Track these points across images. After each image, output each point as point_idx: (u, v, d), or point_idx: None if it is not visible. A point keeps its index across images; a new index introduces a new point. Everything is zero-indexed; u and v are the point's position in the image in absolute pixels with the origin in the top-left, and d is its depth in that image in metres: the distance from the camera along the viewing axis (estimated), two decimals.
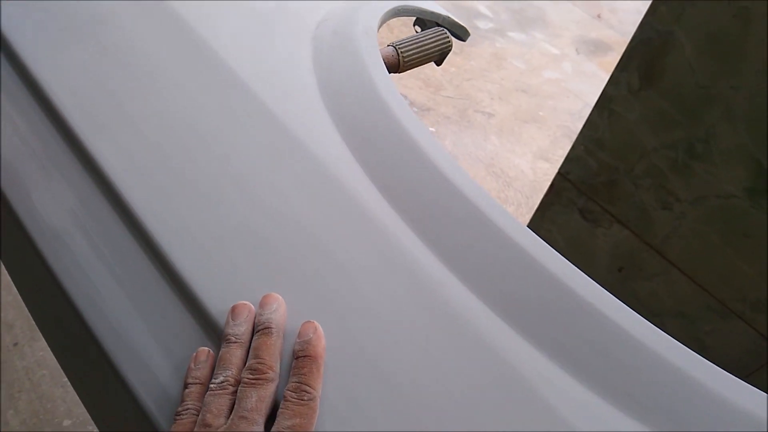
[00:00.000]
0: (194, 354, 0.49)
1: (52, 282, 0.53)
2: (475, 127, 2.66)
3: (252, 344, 0.48)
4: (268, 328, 0.48)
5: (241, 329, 0.48)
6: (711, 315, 1.36)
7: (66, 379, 1.64)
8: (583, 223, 1.52)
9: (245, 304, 0.50)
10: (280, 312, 0.50)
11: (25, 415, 1.56)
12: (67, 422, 1.57)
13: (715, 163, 1.19)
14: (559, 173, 1.51)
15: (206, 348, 0.49)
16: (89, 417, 1.58)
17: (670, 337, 0.54)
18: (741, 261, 1.25)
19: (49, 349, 1.67)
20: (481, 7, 3.50)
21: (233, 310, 0.50)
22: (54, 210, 0.56)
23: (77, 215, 0.56)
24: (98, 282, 0.52)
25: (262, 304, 0.50)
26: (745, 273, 1.25)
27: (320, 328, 0.49)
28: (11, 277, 0.70)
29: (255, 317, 0.50)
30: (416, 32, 1.29)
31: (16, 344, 1.69)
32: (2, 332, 1.71)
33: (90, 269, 0.53)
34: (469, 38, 1.15)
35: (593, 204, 1.47)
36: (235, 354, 0.47)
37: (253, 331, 0.49)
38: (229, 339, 0.48)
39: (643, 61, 1.22)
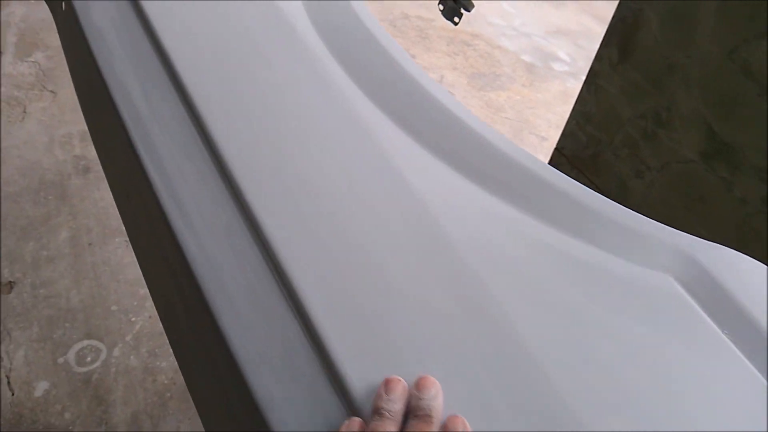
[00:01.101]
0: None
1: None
2: (526, 146, 2.82)
3: (408, 427, 0.46)
4: (429, 416, 0.46)
5: (395, 406, 0.46)
6: None
7: (121, 276, 1.97)
8: None
9: (399, 380, 0.48)
10: (439, 400, 0.47)
11: (84, 296, 1.89)
12: (114, 307, 1.88)
13: (676, 129, 1.32)
14: (555, 149, 1.67)
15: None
16: (132, 306, 1.88)
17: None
18: (700, 227, 1.34)
19: (110, 251, 2.01)
20: (561, 53, 3.70)
21: (387, 385, 0.47)
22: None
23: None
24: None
25: (420, 387, 0.48)
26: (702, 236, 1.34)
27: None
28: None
29: (410, 398, 0.48)
30: (440, 9, 1.54)
31: (90, 244, 2.05)
32: (82, 234, 2.07)
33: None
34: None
35: (582, 177, 1.61)
36: (388, 430, 0.45)
37: (408, 411, 0.47)
38: (383, 414, 0.46)
39: (620, 38, 1.39)
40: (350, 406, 0.48)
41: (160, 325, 1.85)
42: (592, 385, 0.52)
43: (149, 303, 1.92)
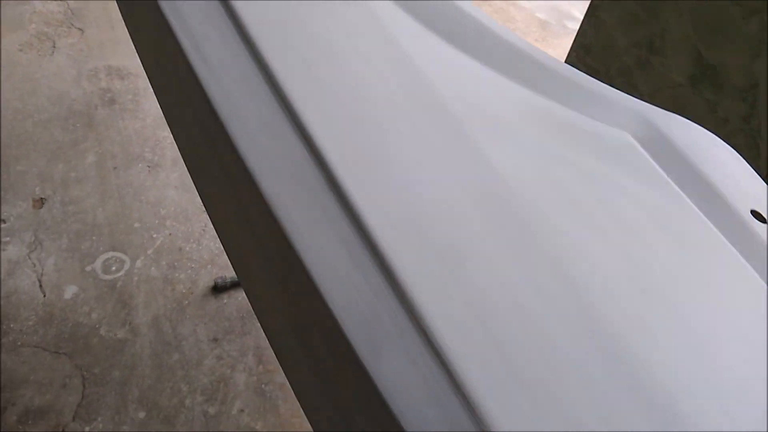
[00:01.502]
0: None
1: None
2: None
3: None
4: None
5: None
6: None
7: (143, 197, 2.09)
8: None
9: None
10: None
11: (108, 214, 2.03)
12: (137, 224, 2.01)
13: (667, 55, 1.40)
14: None
15: None
16: (154, 224, 2.01)
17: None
18: None
19: (134, 174, 2.14)
20: (575, 12, 3.73)
21: None
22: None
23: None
24: None
25: None
26: None
27: None
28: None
29: None
30: None
31: (115, 168, 2.17)
32: (107, 158, 2.20)
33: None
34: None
35: None
36: None
37: None
38: None
39: None
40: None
41: (179, 242, 1.99)
42: (554, 200, 0.62)
43: (169, 222, 2.05)
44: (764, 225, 0.68)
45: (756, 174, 0.77)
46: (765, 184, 0.75)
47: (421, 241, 0.56)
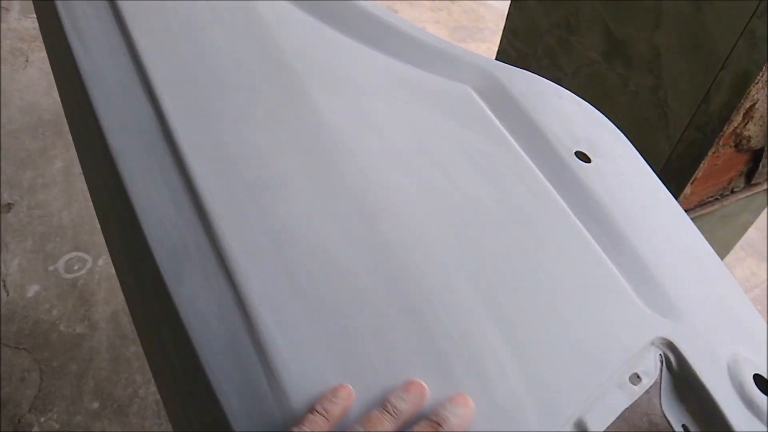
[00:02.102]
0: (334, 388, 0.47)
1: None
2: None
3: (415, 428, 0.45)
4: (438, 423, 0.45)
5: (403, 406, 0.46)
6: None
7: None
8: None
9: (422, 386, 0.48)
10: (465, 418, 0.47)
11: (74, 216, 2.09)
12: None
13: (582, 33, 1.45)
14: None
15: (349, 386, 0.47)
16: None
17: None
18: None
19: None
20: None
21: (408, 385, 0.48)
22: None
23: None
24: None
25: (450, 399, 0.47)
26: None
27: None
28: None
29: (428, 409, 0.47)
30: None
31: (81, 173, 2.25)
32: (74, 164, 2.27)
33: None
34: None
35: None
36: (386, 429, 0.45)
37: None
38: (388, 408, 0.46)
39: None
40: None
41: None
42: (372, 144, 0.67)
43: None
44: (587, 164, 0.71)
45: (599, 121, 0.81)
46: (604, 129, 0.79)
47: (233, 178, 0.60)
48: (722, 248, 1.83)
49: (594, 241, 0.62)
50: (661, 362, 0.55)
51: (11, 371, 1.69)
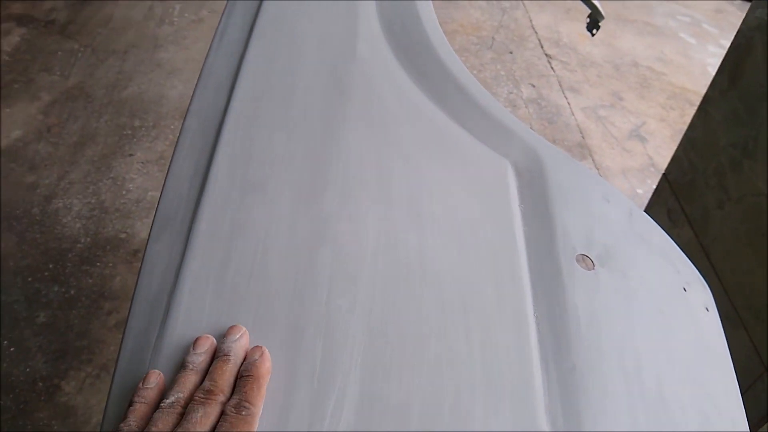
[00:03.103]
0: (145, 375, 0.50)
1: None
2: None
3: (210, 369, 0.49)
4: (227, 355, 0.50)
5: (200, 358, 0.50)
6: (725, 323, 1.35)
7: None
8: (667, 224, 1.63)
9: (208, 336, 0.52)
10: (242, 342, 0.52)
11: None
12: None
13: (757, 160, 1.29)
14: (663, 174, 1.66)
15: (157, 371, 0.50)
16: None
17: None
18: (757, 264, 1.28)
19: None
20: None
21: (196, 342, 0.52)
22: None
23: None
24: None
25: (227, 334, 0.52)
26: (757, 277, 1.27)
27: (266, 352, 0.51)
28: None
29: (216, 346, 0.52)
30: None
31: None
32: None
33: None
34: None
35: (677, 204, 1.59)
36: (189, 379, 0.48)
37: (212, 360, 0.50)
38: (187, 366, 0.49)
39: (732, 64, 1.38)
40: None
41: None
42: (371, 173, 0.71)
43: None
44: (585, 270, 0.66)
45: (648, 239, 0.73)
46: (648, 248, 0.72)
47: (238, 176, 0.70)
48: None
49: (535, 347, 0.58)
50: None
51: None
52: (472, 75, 0.86)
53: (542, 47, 3.50)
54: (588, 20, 1.66)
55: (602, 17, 1.59)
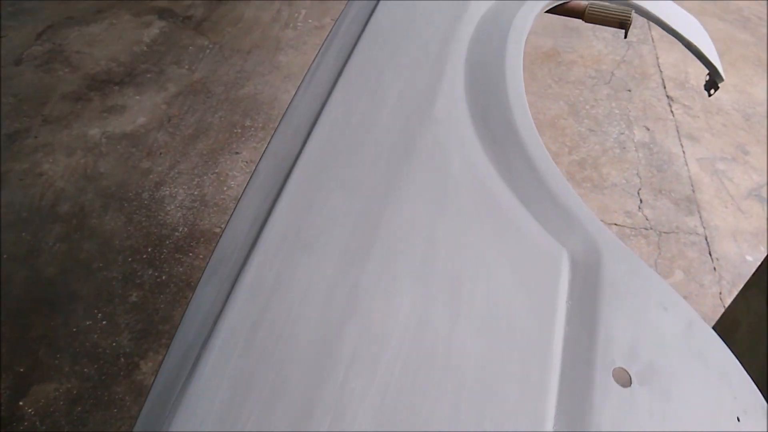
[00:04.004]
0: None
1: None
2: None
3: None
4: None
5: None
6: None
7: None
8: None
9: None
10: None
11: None
12: None
13: None
14: None
15: None
16: None
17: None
18: None
19: None
20: None
21: None
22: None
23: None
24: None
25: None
26: None
27: None
28: None
29: None
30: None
31: None
32: None
33: None
34: None
35: None
36: None
37: None
38: None
39: None
40: None
41: None
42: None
43: None
44: (619, 387, 0.62)
45: (703, 354, 0.68)
46: (703, 365, 0.66)
47: (292, 233, 0.72)
48: None
49: None
50: None
51: None
52: (547, 153, 0.84)
53: (665, 87, 3.31)
54: (707, 78, 1.56)
55: (721, 79, 1.48)
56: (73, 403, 1.90)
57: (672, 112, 3.15)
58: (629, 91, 3.26)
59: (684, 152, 2.91)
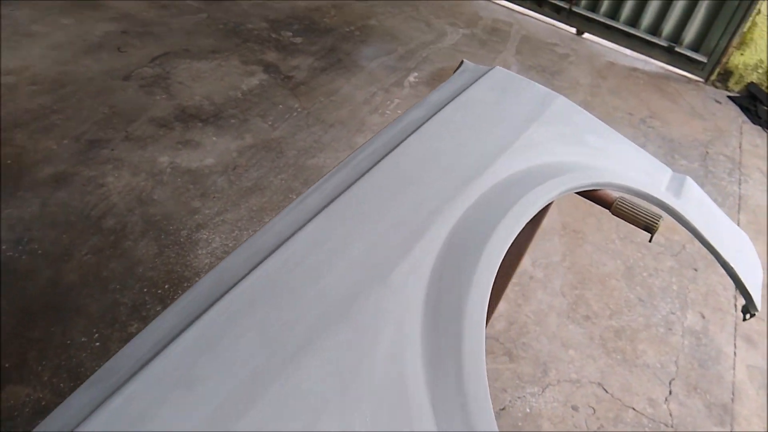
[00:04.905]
0: None
1: None
2: None
3: None
4: None
5: None
6: None
7: None
8: None
9: None
10: None
11: None
12: None
13: None
14: None
15: None
16: None
17: None
18: None
19: None
20: None
21: None
22: None
23: None
24: None
25: None
26: None
27: None
28: None
29: None
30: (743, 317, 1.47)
31: None
32: None
33: None
34: None
35: None
36: None
37: None
38: None
39: None
40: None
41: None
42: None
43: None
44: None
45: None
46: None
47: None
48: None
49: None
50: None
51: None
52: (484, 362, 0.78)
53: None
54: (744, 305, 1.44)
55: (756, 310, 1.36)
56: (38, 414, 1.92)
57: (736, 306, 2.94)
58: (695, 270, 3.08)
59: (735, 353, 2.68)
